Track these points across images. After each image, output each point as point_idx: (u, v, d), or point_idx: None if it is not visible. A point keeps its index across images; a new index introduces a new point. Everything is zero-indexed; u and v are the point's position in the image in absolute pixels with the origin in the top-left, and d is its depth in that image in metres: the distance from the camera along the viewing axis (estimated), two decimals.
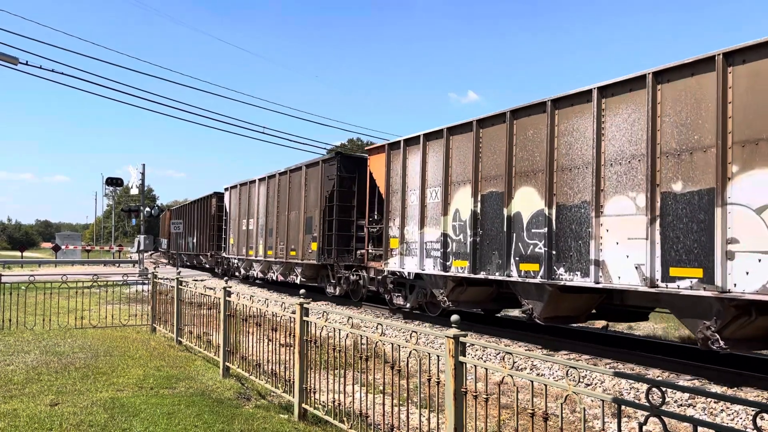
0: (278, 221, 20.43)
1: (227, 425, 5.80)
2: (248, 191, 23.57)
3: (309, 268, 18.71)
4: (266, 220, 21.43)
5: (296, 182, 19.42)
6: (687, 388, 2.92)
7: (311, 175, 18.43)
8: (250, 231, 23.03)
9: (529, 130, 10.23)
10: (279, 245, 20.21)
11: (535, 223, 9.95)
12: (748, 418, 6.72)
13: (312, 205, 18.12)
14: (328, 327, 5.83)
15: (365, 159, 16.08)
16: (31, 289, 13.25)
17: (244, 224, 23.73)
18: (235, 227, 24.83)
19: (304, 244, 18.32)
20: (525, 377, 3.82)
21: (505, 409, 6.73)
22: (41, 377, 7.64)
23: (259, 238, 22.02)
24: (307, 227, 18.22)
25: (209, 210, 29.77)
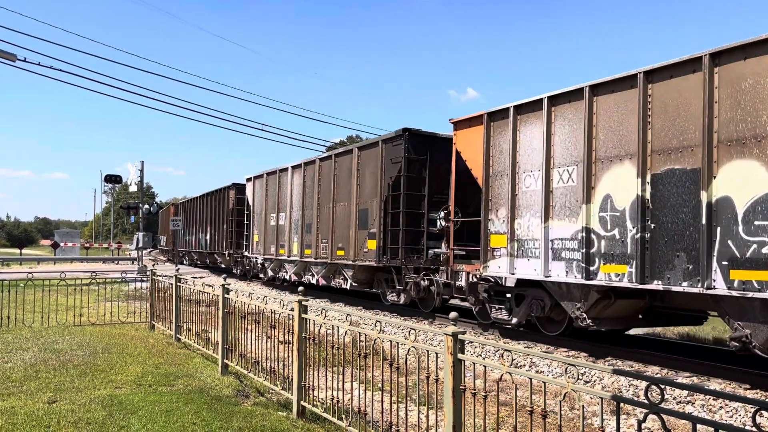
0: (319, 215, 17.52)
1: (226, 422, 5.79)
2: (277, 181, 20.53)
3: (363, 271, 15.77)
4: (302, 214, 18.55)
5: (344, 168, 16.36)
6: (686, 386, 2.91)
7: (367, 158, 15.31)
8: (281, 227, 20.17)
9: (747, 80, 7.36)
10: (320, 243, 17.34)
11: (764, 212, 7.14)
12: (747, 415, 6.71)
13: (368, 195, 15.10)
14: (326, 324, 5.82)
15: (439, 138, 13.89)
16: (30, 286, 13.24)
17: (273, 219, 20.81)
18: (261, 223, 21.88)
19: (356, 241, 15.42)
20: (524, 374, 3.81)
21: (504, 407, 6.72)
22: (39, 375, 7.63)
23: (292, 234, 19.22)
24: (361, 221, 15.24)
25: (226, 203, 26.84)
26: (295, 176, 19.37)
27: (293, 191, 19.39)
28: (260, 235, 21.96)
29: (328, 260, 16.82)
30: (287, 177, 19.84)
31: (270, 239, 20.99)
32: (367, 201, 15.14)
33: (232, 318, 8.06)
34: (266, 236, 21.34)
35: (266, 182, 21.60)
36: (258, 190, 22.54)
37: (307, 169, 18.54)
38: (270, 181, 21.38)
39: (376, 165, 14.74)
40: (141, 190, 30.53)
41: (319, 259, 17.42)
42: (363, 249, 15.07)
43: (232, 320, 8.06)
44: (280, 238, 20.18)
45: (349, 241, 15.77)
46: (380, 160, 14.56)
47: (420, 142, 13.95)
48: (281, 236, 20.13)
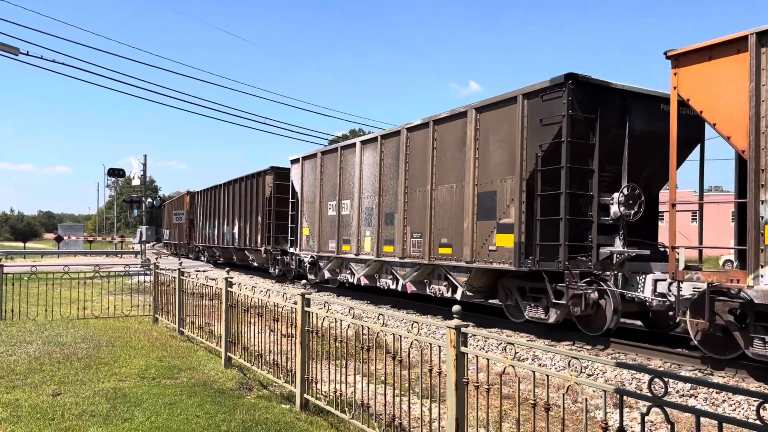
0: (408, 201, 13.57)
1: (229, 415, 5.81)
2: (338, 162, 16.63)
3: (483, 276, 11.75)
4: (378, 201, 14.63)
5: (451, 139, 12.26)
6: (689, 379, 2.91)
7: (493, 122, 11.22)
8: (344, 218, 16.30)
9: None
10: (410, 238, 13.44)
11: None
12: (750, 409, 6.71)
13: (496, 173, 11.06)
14: (329, 317, 5.83)
15: (611, 90, 10.17)
16: (34, 279, 13.27)
17: (331, 208, 17.01)
18: (313, 213, 18.05)
19: (475, 235, 11.45)
20: (527, 368, 3.81)
21: (506, 400, 6.73)
22: (43, 367, 7.66)
23: (362, 227, 15.33)
24: (484, 209, 11.30)
25: (261, 191, 22.91)
26: (367, 153, 15.31)
27: (363, 173, 15.40)
28: (312, 228, 18.14)
29: (423, 260, 12.87)
30: (354, 155, 15.84)
31: (328, 233, 17.19)
32: (494, 181, 11.07)
33: (235, 311, 8.07)
34: (321, 229, 17.50)
35: (320, 163, 17.67)
36: (309, 174, 18.63)
37: (386, 143, 14.48)
38: (327, 161, 17.44)
39: (511, 130, 10.71)
40: (144, 183, 30.56)
41: (407, 258, 13.43)
42: (488, 246, 11.13)
43: (235, 313, 8.07)
44: (343, 231, 16.30)
45: (460, 235, 11.84)
46: (519, 123, 10.49)
47: (587, 95, 9.99)
48: (345, 229, 16.22)
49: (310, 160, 18.60)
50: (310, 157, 18.62)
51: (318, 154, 17.93)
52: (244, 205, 25.22)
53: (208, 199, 31.78)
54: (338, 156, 16.75)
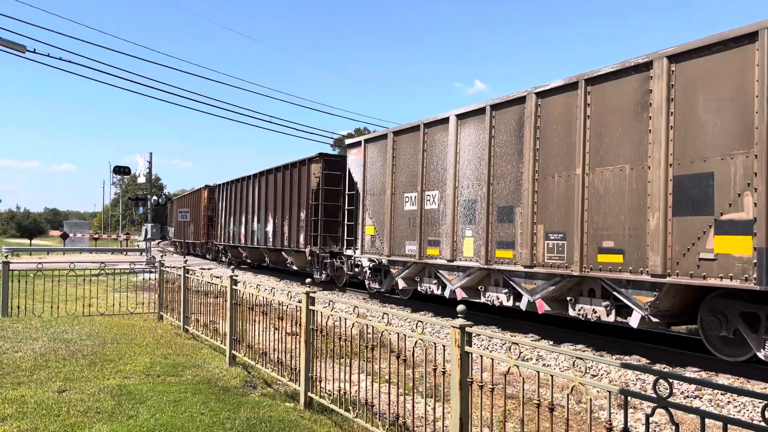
0: (540, 191, 10.11)
1: (233, 413, 5.82)
2: (420, 142, 13.25)
3: (676, 295, 8.43)
4: (487, 191, 11.20)
5: (617, 102, 8.97)
6: (695, 380, 2.90)
7: (709, 70, 7.84)
8: (430, 213, 12.92)
9: None
10: (543, 240, 9.97)
11: None
12: (755, 410, 6.69)
13: (713, 145, 7.74)
14: (334, 316, 5.84)
15: None
16: (39, 276, 13.34)
17: (410, 201, 13.64)
18: (381, 208, 14.68)
19: (671, 238, 8.09)
20: (531, 368, 3.81)
21: (510, 400, 6.73)
22: (49, 364, 7.70)
23: (459, 224, 12.01)
24: (689, 200, 7.98)
25: (305, 182, 19.52)
26: (467, 130, 11.92)
27: (461, 155, 12.05)
28: (380, 226, 14.78)
29: (569, 270, 9.52)
30: (445, 134, 12.49)
31: (403, 232, 13.75)
32: (707, 159, 7.77)
33: (240, 309, 8.09)
34: (394, 228, 14.12)
35: (393, 146, 14.27)
36: (374, 160, 15.24)
37: (500, 115, 11.07)
38: (402, 143, 14.01)
39: (743, 83, 7.41)
40: (149, 181, 30.64)
41: (538, 267, 10.06)
42: (696, 253, 7.81)
43: (240, 311, 8.09)
44: (427, 230, 12.97)
45: (640, 237, 8.50)
46: (764, 70, 7.16)
47: None
48: (430, 228, 12.86)
49: (376, 143, 15.06)
50: (376, 140, 15.12)
51: (389, 136, 14.42)
52: (281, 199, 21.66)
53: (232, 193, 27.96)
54: (420, 135, 13.25)
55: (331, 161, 19.08)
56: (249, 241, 25.11)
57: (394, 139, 14.32)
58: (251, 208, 24.92)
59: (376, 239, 14.97)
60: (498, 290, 11.35)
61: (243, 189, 26.41)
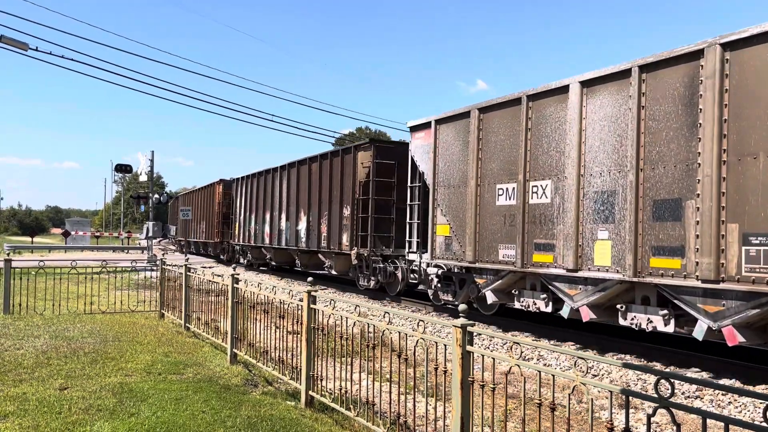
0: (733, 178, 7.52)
1: (234, 411, 5.83)
2: (522, 119, 10.47)
3: None
4: (636, 179, 8.64)
5: None
6: (696, 380, 2.90)
7: None
8: (539, 208, 10.18)
9: None
10: (740, 245, 7.31)
11: None
12: (756, 411, 6.69)
13: None
14: (335, 315, 5.84)
15: None
16: (41, 274, 13.36)
17: (505, 193, 10.87)
18: (460, 202, 12.02)
19: None
20: (532, 367, 3.81)
21: (512, 399, 6.73)
22: (51, 361, 7.71)
23: (587, 223, 9.32)
24: None
25: (350, 174, 16.78)
26: (597, 101, 9.25)
27: (587, 134, 9.37)
28: (458, 224, 12.06)
29: None
30: (562, 108, 9.79)
31: (495, 232, 11.01)
32: None
33: (241, 308, 8.10)
34: (480, 227, 11.39)
35: (478, 126, 11.47)
36: (449, 144, 12.44)
37: (653, 79, 8.55)
38: (492, 122, 11.21)
39: None
40: (151, 179, 30.66)
41: (730, 282, 7.42)
42: None
43: (241, 310, 8.10)
44: (533, 230, 10.24)
45: None
46: None
47: None
48: (539, 227, 10.15)
49: (453, 123, 12.30)
50: (452, 119, 12.33)
51: (473, 113, 11.58)
52: (318, 193, 18.83)
53: (254, 188, 24.91)
54: (522, 111, 10.47)
55: (384, 149, 16.25)
56: (275, 242, 22.25)
57: (480, 117, 11.47)
58: (278, 205, 22.02)
59: (452, 241, 12.21)
60: (651, 312, 8.52)
61: (267, 183, 23.31)
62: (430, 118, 12.97)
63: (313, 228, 19.09)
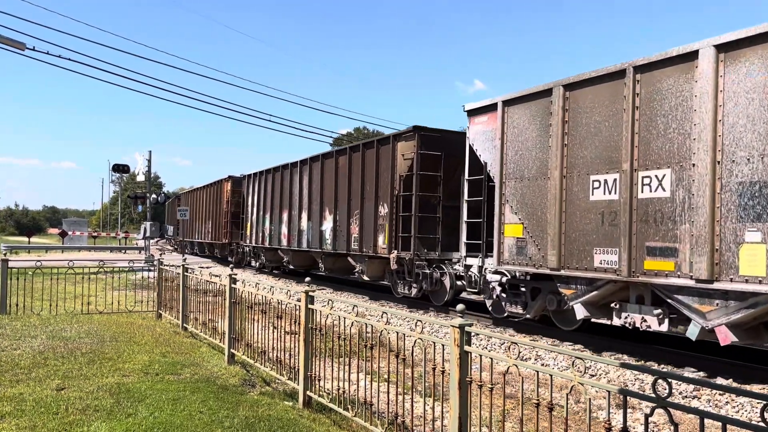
0: None
1: (232, 411, 5.82)
2: (630, 95, 8.71)
3: None
4: None
5: None
6: (694, 380, 2.90)
7: None
8: (648, 204, 8.50)
9: None
10: None
11: None
12: (753, 411, 6.70)
13: None
14: (333, 315, 5.84)
15: None
16: (38, 274, 13.33)
17: (601, 187, 9.13)
18: (537, 197, 10.22)
19: None
20: (530, 367, 3.81)
21: (510, 399, 6.73)
22: (47, 362, 7.69)
23: (727, 222, 7.52)
24: None
25: (387, 166, 14.82)
26: (741, 70, 7.47)
27: (728, 109, 7.58)
28: (534, 224, 10.22)
29: None
30: (689, 79, 8.02)
31: (587, 233, 9.21)
32: None
33: (239, 308, 8.09)
34: (568, 227, 9.53)
35: (563, 105, 9.69)
36: (521, 129, 10.57)
37: None
38: (584, 100, 9.42)
39: None
40: (148, 179, 30.62)
41: None
42: None
43: (239, 310, 8.09)
44: (645, 230, 8.47)
45: None
46: None
47: None
48: (653, 226, 8.38)
49: (526, 104, 10.47)
50: (526, 100, 10.49)
51: (556, 91, 9.74)
52: (346, 190, 16.76)
53: (268, 184, 22.84)
54: (628, 85, 8.72)
55: (430, 138, 13.98)
56: (294, 243, 20.06)
57: (565, 96, 9.64)
58: (298, 203, 19.93)
59: (527, 243, 10.31)
60: None
61: (285, 179, 21.16)
62: (495, 99, 11.07)
63: (341, 228, 17.00)
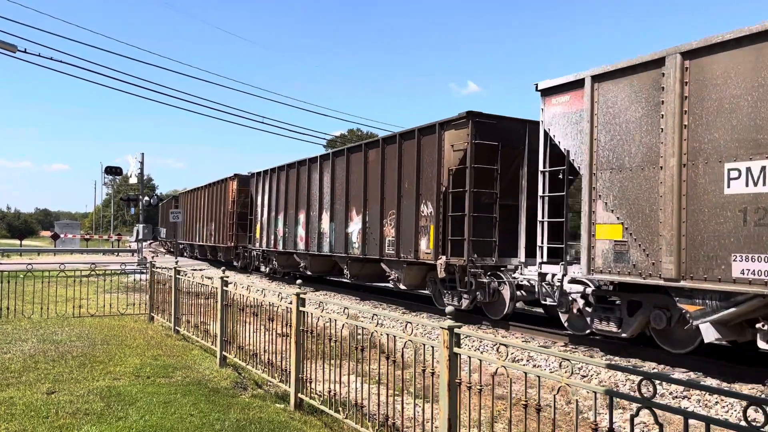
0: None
1: (223, 414, 5.82)
2: None
3: None
4: None
5: None
6: (679, 381, 2.93)
7: None
8: None
9: None
10: None
11: None
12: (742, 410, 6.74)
13: None
14: (324, 317, 5.84)
15: None
16: (30, 277, 13.26)
17: (742, 178, 7.35)
18: (643, 191, 8.54)
19: None
20: (519, 369, 3.83)
21: (501, 400, 6.75)
22: (38, 365, 7.66)
23: None
24: None
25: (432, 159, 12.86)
26: None
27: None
28: (639, 224, 8.57)
29: None
30: None
31: (720, 235, 7.53)
32: None
33: (231, 310, 8.08)
34: (692, 227, 7.87)
35: (682, 77, 8.08)
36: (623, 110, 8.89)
37: None
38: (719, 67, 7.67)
39: None
40: (141, 182, 30.53)
41: None
42: None
43: (231, 312, 8.08)
44: None
45: None
46: None
47: None
48: None
49: (626, 78, 8.79)
50: (625, 73, 8.79)
51: (670, 60, 8.13)
52: (380, 187, 14.52)
53: (281, 182, 20.66)
54: None
55: (486, 125, 11.94)
56: (313, 247, 17.95)
57: (684, 66, 7.99)
58: (318, 202, 17.75)
59: (629, 248, 8.61)
60: None
61: (302, 176, 19.07)
62: (580, 74, 9.47)
63: (372, 231, 14.88)
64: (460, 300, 12.30)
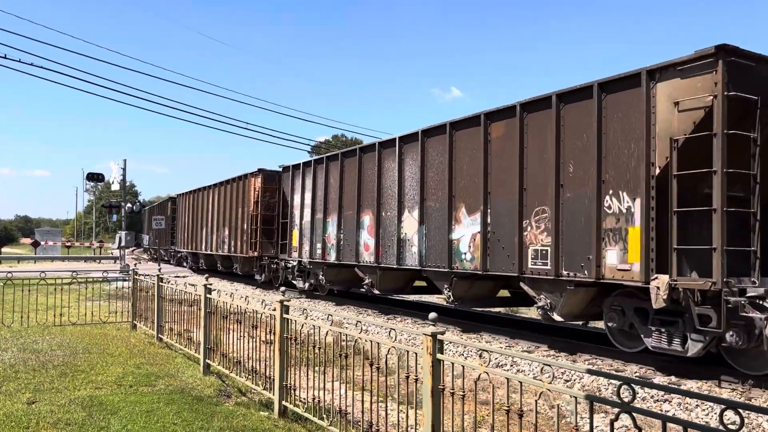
0: None
1: (206, 423, 5.79)
2: None
3: None
4: None
5: None
6: (658, 386, 2.99)
7: None
8: None
9: None
10: None
11: None
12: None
13: None
14: (308, 324, 5.85)
15: None
16: (9, 285, 13.09)
17: None
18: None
19: None
20: (501, 374, 3.87)
21: (485, 406, 6.79)
22: (18, 375, 7.57)
23: None
24: None
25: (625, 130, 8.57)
26: None
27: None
28: None
29: None
30: None
31: None
32: None
33: (215, 318, 8.05)
34: None
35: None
36: None
37: None
38: None
39: None
40: (123, 188, 30.30)
41: None
42: None
43: (215, 320, 8.05)
44: None
45: None
46: None
47: None
48: None
49: None
50: None
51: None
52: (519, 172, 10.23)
53: (331, 176, 16.50)
54: None
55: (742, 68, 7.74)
56: (389, 258, 13.74)
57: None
58: (396, 200, 13.52)
59: None
60: None
61: (366, 167, 14.92)
62: None
63: (502, 235, 10.63)
64: (683, 343, 8.13)
